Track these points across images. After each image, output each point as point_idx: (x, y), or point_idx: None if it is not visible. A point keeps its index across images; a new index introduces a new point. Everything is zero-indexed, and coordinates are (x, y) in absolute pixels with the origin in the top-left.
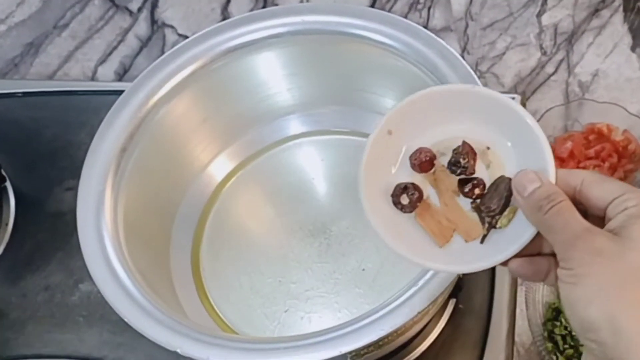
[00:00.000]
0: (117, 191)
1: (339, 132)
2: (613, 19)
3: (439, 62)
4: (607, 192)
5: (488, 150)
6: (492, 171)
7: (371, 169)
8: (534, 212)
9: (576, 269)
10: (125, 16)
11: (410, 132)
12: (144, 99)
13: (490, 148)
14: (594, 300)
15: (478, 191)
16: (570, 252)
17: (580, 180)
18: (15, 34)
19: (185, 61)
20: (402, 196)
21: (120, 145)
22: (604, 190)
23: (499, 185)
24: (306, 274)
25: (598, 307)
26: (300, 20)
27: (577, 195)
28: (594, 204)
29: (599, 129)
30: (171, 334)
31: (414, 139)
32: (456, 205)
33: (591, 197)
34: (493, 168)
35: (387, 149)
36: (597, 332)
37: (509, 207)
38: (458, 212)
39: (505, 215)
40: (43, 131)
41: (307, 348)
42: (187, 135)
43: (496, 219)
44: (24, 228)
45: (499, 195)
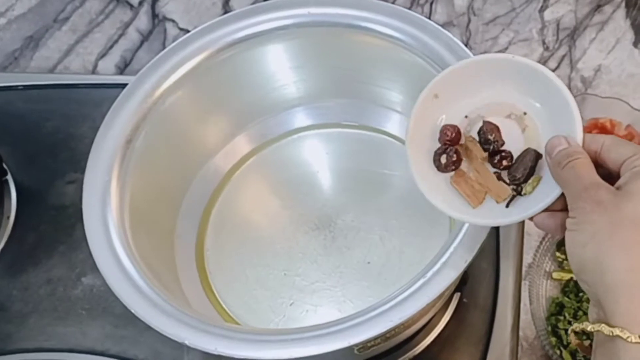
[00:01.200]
0: (123, 182)
1: (345, 125)
2: (615, 14)
3: (445, 54)
4: (621, 154)
5: (525, 115)
6: (528, 134)
7: (417, 128)
8: (555, 168)
9: (578, 217)
10: (125, 10)
11: (454, 96)
12: (149, 90)
13: (527, 113)
14: (588, 244)
15: (506, 162)
16: (576, 202)
17: (600, 144)
18: (16, 27)
19: (190, 53)
20: (442, 156)
21: (125, 136)
22: (618, 152)
23: (525, 157)
24: (311, 267)
25: (590, 249)
26: (307, 12)
27: (597, 159)
28: (611, 165)
29: (602, 124)
30: (178, 325)
31: (457, 103)
32: (486, 171)
33: (608, 160)
34: (529, 131)
35: (431, 112)
36: (587, 273)
37: (533, 176)
38: (489, 177)
39: (530, 183)
40: (44, 124)
41: (315, 340)
42: (192, 127)
43: (521, 187)
44: (25, 221)
45: (524, 165)
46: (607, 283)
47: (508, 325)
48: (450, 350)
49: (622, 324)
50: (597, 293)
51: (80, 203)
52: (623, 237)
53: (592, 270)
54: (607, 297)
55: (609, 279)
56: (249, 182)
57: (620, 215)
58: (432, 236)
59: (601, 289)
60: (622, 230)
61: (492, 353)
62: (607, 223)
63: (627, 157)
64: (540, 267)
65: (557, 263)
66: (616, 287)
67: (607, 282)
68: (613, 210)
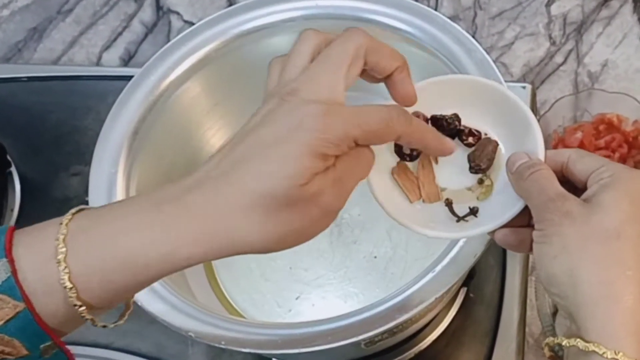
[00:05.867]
0: (129, 174)
1: None
2: (623, 9)
3: (454, 47)
4: (587, 166)
5: (486, 136)
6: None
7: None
8: (517, 180)
9: (546, 229)
10: (130, 2)
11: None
12: (156, 82)
13: (488, 134)
14: (558, 256)
15: (472, 140)
16: (543, 214)
17: (566, 157)
18: (19, 18)
19: (197, 44)
20: (403, 147)
21: (132, 128)
22: (585, 164)
23: (487, 147)
24: (317, 261)
25: (561, 262)
26: (314, 4)
27: (564, 172)
28: (578, 178)
29: (609, 120)
30: (185, 318)
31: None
32: (430, 170)
33: (575, 172)
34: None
35: None
36: (559, 286)
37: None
38: (428, 175)
39: (482, 192)
40: (48, 116)
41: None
42: (198, 119)
43: (486, 175)
44: (29, 213)
45: (488, 156)
46: (580, 297)
47: (514, 321)
48: (457, 345)
49: (597, 339)
50: (569, 307)
51: (84, 195)
52: (594, 250)
53: (563, 283)
54: (580, 311)
55: (582, 292)
56: None
57: (590, 227)
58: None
59: (574, 302)
60: (592, 243)
61: (499, 348)
62: (577, 235)
63: (594, 169)
64: None
65: None
66: (590, 301)
67: (580, 296)
68: (582, 222)
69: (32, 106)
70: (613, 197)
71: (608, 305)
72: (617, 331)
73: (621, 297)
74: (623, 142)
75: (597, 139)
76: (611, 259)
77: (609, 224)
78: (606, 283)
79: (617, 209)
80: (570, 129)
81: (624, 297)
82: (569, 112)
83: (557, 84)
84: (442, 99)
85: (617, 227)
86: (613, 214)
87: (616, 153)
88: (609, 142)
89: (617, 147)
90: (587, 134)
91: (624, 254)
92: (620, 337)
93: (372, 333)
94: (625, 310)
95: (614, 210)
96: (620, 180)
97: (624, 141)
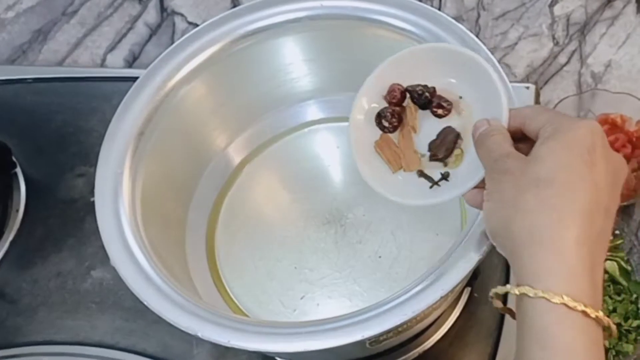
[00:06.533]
0: (135, 174)
1: None
2: (626, 9)
3: None
4: (539, 123)
5: (460, 100)
6: (463, 118)
7: (360, 111)
8: (477, 148)
9: (489, 188)
10: (134, 3)
11: (398, 81)
12: (161, 83)
13: (463, 97)
14: (496, 211)
15: (442, 112)
16: (488, 175)
17: (523, 117)
18: (24, 20)
19: (202, 45)
20: (384, 119)
21: (138, 128)
22: (537, 121)
23: (447, 136)
24: (322, 261)
25: (498, 216)
26: (320, 5)
27: (524, 131)
28: (532, 136)
29: (612, 120)
30: (191, 317)
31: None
32: (409, 140)
33: (530, 130)
34: (464, 115)
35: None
36: (498, 239)
37: (453, 153)
38: (408, 145)
39: (453, 161)
40: (53, 117)
41: (328, 333)
42: (204, 119)
43: (446, 162)
44: (34, 214)
45: (447, 145)
46: (514, 244)
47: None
48: (461, 345)
49: (540, 286)
50: (509, 257)
51: (89, 196)
52: (527, 199)
53: (501, 235)
54: (515, 258)
55: (515, 239)
56: (260, 175)
57: (526, 178)
58: (443, 230)
59: (511, 251)
60: (526, 192)
61: (503, 348)
62: (513, 188)
63: (542, 125)
64: None
65: None
66: (523, 248)
67: (514, 244)
68: (519, 175)
69: (37, 107)
70: (549, 147)
71: (539, 249)
72: (548, 274)
73: (553, 241)
74: (626, 142)
75: None
76: (543, 206)
77: (543, 173)
78: (538, 227)
79: (552, 157)
80: None
81: (556, 241)
82: (573, 112)
83: (560, 84)
84: (422, 68)
85: (550, 175)
86: (548, 163)
87: (620, 153)
88: (613, 142)
89: (620, 147)
90: None
91: (556, 199)
92: (550, 278)
93: (377, 332)
94: (557, 252)
95: (549, 159)
96: (560, 131)
97: (628, 141)
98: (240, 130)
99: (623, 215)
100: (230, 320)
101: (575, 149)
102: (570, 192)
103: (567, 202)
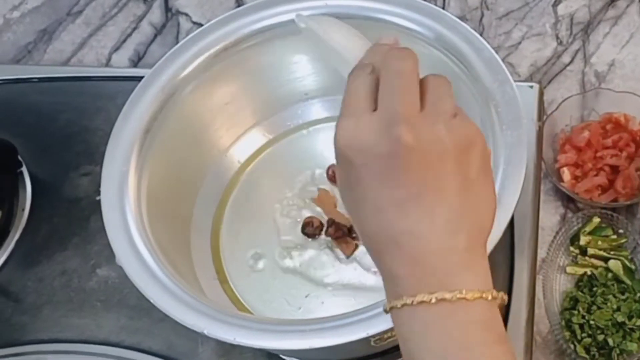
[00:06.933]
0: (141, 172)
1: None
2: (629, 9)
3: (463, 46)
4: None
5: None
6: None
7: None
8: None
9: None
10: (139, 3)
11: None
12: (166, 81)
13: None
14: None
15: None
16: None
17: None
18: (29, 20)
19: (207, 44)
20: (307, 228)
21: (143, 126)
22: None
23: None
24: (327, 259)
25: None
26: (324, 4)
27: None
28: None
29: (616, 119)
30: (197, 315)
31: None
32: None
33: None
34: None
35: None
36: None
37: None
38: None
39: None
40: (58, 116)
41: (333, 330)
42: (209, 118)
43: None
44: (40, 213)
45: None
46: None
47: (522, 320)
48: None
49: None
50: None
51: (94, 195)
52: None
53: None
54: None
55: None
56: (265, 173)
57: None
58: None
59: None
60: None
61: None
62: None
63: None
64: (554, 261)
65: (571, 257)
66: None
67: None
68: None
69: (42, 107)
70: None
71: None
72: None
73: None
74: (630, 141)
75: (605, 138)
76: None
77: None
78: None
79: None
80: (577, 128)
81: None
82: (576, 111)
83: (564, 83)
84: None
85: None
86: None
87: (623, 152)
88: (616, 141)
89: (624, 146)
90: (594, 133)
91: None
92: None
93: (382, 329)
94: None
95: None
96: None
97: (631, 140)
98: (245, 128)
99: (627, 214)
100: (236, 318)
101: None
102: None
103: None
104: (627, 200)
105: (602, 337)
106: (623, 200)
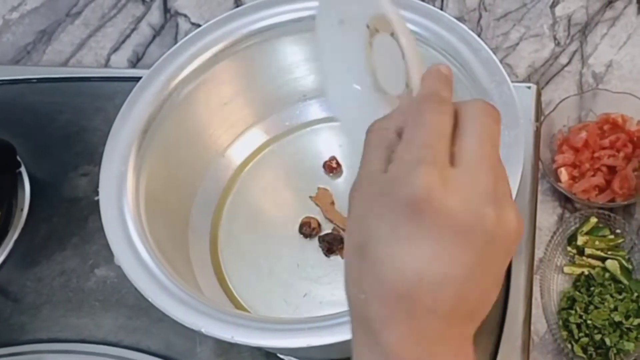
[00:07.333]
0: (139, 172)
1: None
2: (627, 10)
3: (460, 47)
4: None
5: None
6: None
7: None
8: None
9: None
10: (138, 4)
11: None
12: (165, 81)
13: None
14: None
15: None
16: None
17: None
18: (28, 21)
19: (206, 44)
20: (304, 228)
21: (142, 126)
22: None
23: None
24: (325, 259)
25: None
26: None
27: None
28: None
29: (613, 119)
30: (195, 314)
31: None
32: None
33: None
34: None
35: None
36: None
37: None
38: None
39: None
40: (57, 117)
41: (330, 329)
42: (207, 118)
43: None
44: (39, 213)
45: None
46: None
47: (520, 319)
48: None
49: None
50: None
51: (93, 195)
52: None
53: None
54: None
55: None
56: (263, 173)
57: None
58: None
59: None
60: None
61: (504, 347)
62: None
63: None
64: (551, 261)
65: (569, 257)
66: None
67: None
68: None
69: (41, 107)
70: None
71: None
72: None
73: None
74: (628, 142)
75: (602, 139)
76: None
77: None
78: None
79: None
80: (574, 129)
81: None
82: (574, 112)
83: (561, 84)
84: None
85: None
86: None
87: (621, 152)
88: (614, 142)
89: (621, 146)
90: (591, 133)
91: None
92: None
93: None
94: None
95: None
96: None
97: (629, 141)
98: (243, 128)
99: (624, 214)
100: (234, 317)
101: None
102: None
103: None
104: (624, 200)
105: (599, 336)
106: (620, 200)
